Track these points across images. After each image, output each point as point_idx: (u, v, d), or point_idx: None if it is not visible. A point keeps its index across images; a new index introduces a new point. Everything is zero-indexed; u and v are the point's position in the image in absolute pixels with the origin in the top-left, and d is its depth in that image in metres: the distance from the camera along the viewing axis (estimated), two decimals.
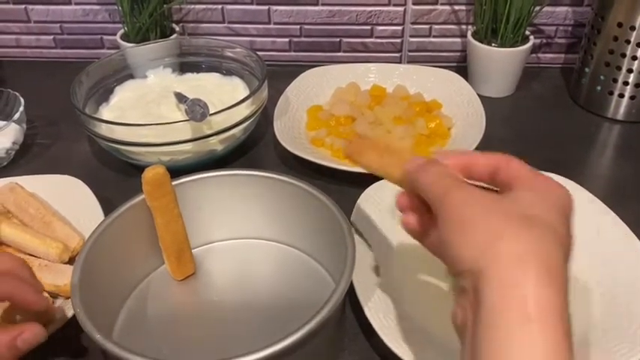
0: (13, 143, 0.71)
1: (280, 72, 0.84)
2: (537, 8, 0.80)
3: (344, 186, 0.64)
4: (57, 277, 0.52)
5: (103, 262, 0.48)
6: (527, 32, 0.82)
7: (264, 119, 0.78)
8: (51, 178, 0.64)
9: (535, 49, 0.91)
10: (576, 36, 0.89)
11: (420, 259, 0.56)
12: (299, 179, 0.53)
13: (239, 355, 0.37)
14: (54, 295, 0.52)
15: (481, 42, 0.82)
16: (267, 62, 0.73)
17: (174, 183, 0.52)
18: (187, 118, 0.63)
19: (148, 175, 0.49)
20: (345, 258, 0.45)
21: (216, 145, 0.68)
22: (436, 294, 0.53)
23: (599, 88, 0.79)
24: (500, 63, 0.82)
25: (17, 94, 0.74)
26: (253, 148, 0.75)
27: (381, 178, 0.61)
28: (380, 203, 0.60)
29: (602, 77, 0.78)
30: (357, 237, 0.53)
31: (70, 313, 0.49)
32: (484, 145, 0.69)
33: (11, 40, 0.96)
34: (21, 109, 0.71)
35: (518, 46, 0.81)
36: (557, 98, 0.85)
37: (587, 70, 0.80)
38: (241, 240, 0.58)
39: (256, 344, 0.38)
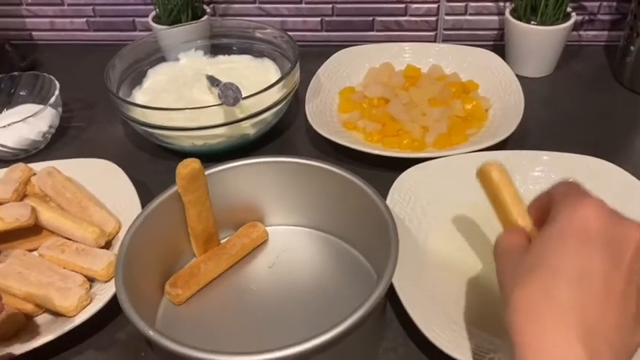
0: (50, 127, 0.72)
1: (312, 52, 0.83)
2: None
3: (377, 170, 0.63)
4: (94, 261, 0.53)
5: (143, 254, 0.48)
6: (568, 9, 0.79)
7: (295, 102, 0.77)
8: (87, 162, 0.65)
9: (577, 27, 0.87)
10: (621, 12, 0.85)
11: (455, 245, 0.56)
12: (344, 169, 0.52)
13: (281, 348, 0.37)
14: (91, 279, 0.53)
15: (520, 20, 0.79)
16: (298, 42, 0.72)
17: (210, 172, 0.52)
18: (220, 103, 0.63)
19: (183, 171, 0.48)
20: (389, 251, 0.44)
21: (249, 129, 0.68)
22: (470, 280, 0.52)
23: None
24: (540, 42, 0.79)
25: (52, 77, 0.75)
26: (285, 132, 0.74)
27: (414, 164, 0.60)
28: (415, 188, 0.59)
29: None
30: None
31: (106, 298, 0.50)
32: (523, 128, 0.67)
33: (46, 23, 0.96)
34: (56, 92, 0.72)
35: (559, 23, 0.77)
36: (600, 78, 0.82)
37: (632, 48, 0.77)
38: (280, 227, 0.58)
39: (295, 334, 0.38)
